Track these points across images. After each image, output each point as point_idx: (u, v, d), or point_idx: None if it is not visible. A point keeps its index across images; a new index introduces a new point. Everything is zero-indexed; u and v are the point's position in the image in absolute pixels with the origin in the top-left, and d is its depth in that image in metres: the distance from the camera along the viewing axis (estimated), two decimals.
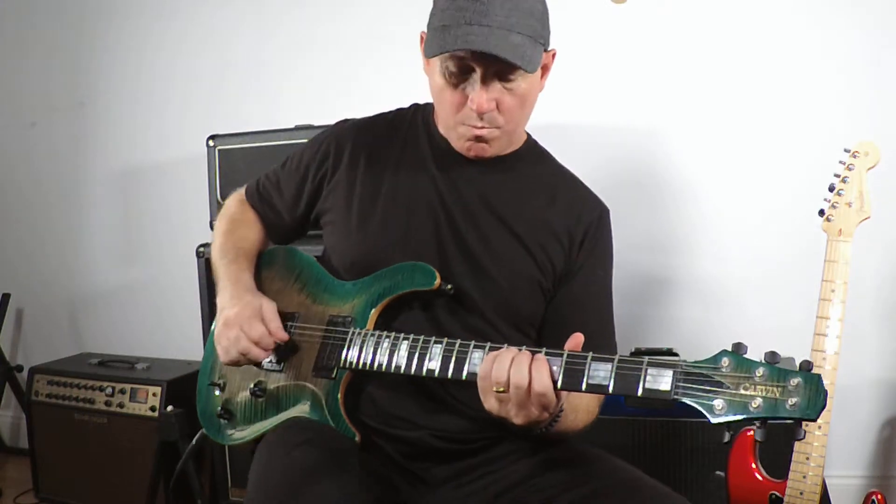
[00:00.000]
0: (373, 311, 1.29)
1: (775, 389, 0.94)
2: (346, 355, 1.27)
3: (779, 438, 1.82)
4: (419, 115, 1.44)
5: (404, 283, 1.29)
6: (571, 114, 2.41)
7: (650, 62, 2.34)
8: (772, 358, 0.96)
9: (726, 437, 0.99)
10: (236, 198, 1.58)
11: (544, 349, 1.10)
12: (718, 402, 0.96)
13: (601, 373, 1.06)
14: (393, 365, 1.23)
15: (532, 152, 1.43)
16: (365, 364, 1.25)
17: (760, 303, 2.29)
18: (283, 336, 1.31)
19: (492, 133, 1.29)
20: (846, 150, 1.61)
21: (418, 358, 1.21)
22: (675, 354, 2.13)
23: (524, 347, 1.12)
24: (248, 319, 1.29)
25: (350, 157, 1.40)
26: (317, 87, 2.63)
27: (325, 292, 1.37)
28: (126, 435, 2.33)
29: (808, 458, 1.61)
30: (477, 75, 1.22)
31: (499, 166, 1.37)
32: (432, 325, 1.30)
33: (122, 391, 2.35)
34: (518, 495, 1.24)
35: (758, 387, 0.94)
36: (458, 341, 1.19)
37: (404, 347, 1.22)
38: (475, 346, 1.17)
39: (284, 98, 2.65)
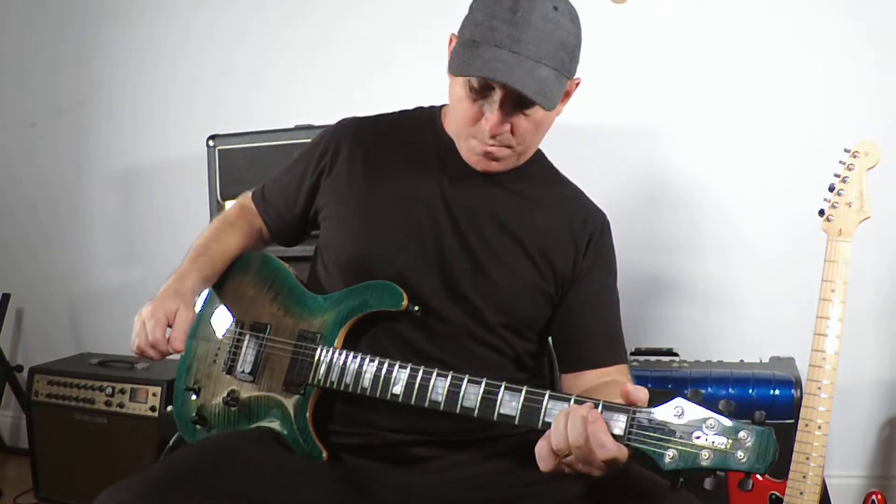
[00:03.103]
0: (341, 329, 1.29)
1: (726, 442, 0.96)
2: (315, 373, 1.27)
3: (779, 439, 1.83)
4: (425, 116, 1.42)
5: (372, 302, 1.28)
6: (570, 114, 2.40)
7: (650, 62, 2.34)
8: (726, 407, 1.00)
9: (679, 484, 0.99)
10: (239, 201, 1.57)
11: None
12: (670, 452, 0.97)
13: (555, 411, 1.07)
14: (359, 387, 1.23)
15: (539, 167, 1.42)
16: (332, 383, 1.25)
17: (760, 303, 2.29)
18: (178, 347, 1.28)
19: (502, 151, 1.28)
20: (846, 150, 1.61)
21: (383, 382, 1.21)
22: (675, 354, 2.13)
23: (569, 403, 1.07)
24: (155, 320, 1.27)
25: (349, 154, 1.38)
26: (317, 87, 2.63)
27: (297, 305, 1.36)
28: (126, 435, 2.33)
29: (808, 458, 1.60)
30: (496, 96, 1.20)
31: (505, 178, 1.35)
32: (423, 334, 1.29)
33: (122, 391, 2.35)
34: (511, 481, 1.23)
35: (708, 438, 0.96)
36: (422, 368, 1.19)
37: (370, 371, 1.22)
38: (438, 375, 1.17)
39: (284, 98, 2.65)
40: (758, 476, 1.71)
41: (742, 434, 0.95)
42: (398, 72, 2.49)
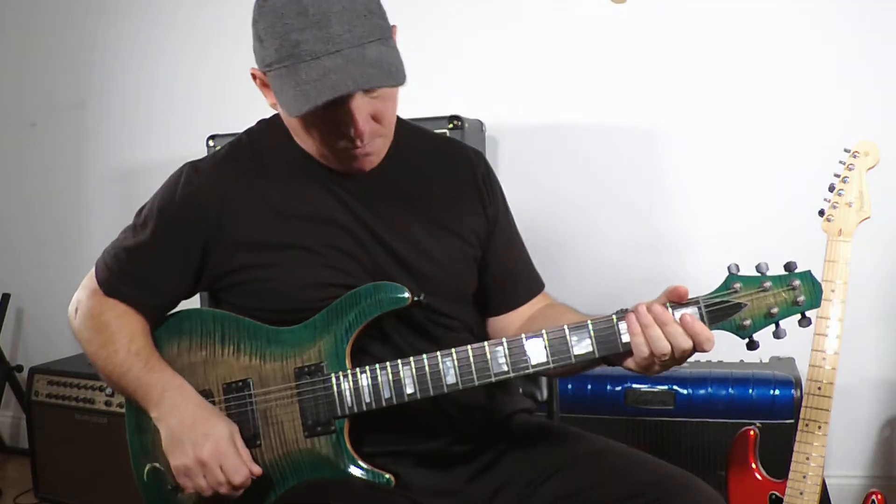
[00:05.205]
0: (346, 347, 1.19)
1: (784, 294, 1.10)
2: (343, 402, 1.17)
3: (779, 439, 1.83)
4: (277, 134, 1.28)
5: (371, 307, 1.19)
6: (571, 114, 2.41)
7: (650, 62, 2.34)
8: (766, 268, 1.11)
9: (756, 346, 1.11)
10: (88, 299, 1.35)
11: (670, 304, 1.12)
12: (746, 321, 1.09)
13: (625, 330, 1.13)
14: (405, 395, 1.15)
15: (402, 133, 1.31)
16: (370, 405, 1.17)
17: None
18: (258, 471, 1.17)
19: (374, 144, 1.20)
20: (846, 150, 1.61)
21: (432, 379, 1.14)
22: None
23: (647, 307, 1.11)
24: (229, 458, 1.15)
25: (234, 210, 1.24)
26: None
27: (272, 345, 1.22)
28: (126, 435, 2.33)
29: (808, 458, 1.61)
30: (344, 101, 1.10)
31: (387, 164, 1.27)
32: (395, 339, 1.25)
33: None
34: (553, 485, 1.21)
35: (769, 296, 1.09)
36: (470, 348, 1.14)
37: (409, 373, 1.15)
38: (492, 345, 1.15)
39: None
40: (758, 476, 1.72)
41: (795, 282, 1.09)
42: None
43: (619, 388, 2.02)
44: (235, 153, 1.31)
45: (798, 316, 1.11)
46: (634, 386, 2.02)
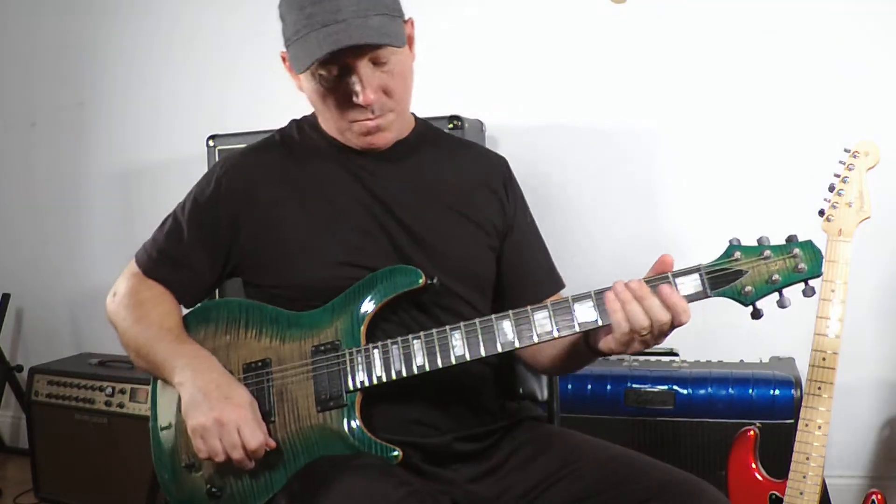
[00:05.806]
0: (361, 327, 1.23)
1: (785, 262, 1.12)
2: (354, 376, 1.20)
3: (779, 439, 1.83)
4: (306, 128, 1.40)
5: (387, 289, 1.24)
6: (571, 114, 2.41)
7: (650, 62, 2.34)
8: (767, 241, 1.14)
9: (760, 315, 1.14)
10: (127, 281, 1.40)
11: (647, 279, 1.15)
12: (746, 288, 1.13)
13: None
14: (414, 367, 1.18)
15: (426, 131, 1.43)
16: (380, 378, 1.19)
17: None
18: (272, 443, 1.20)
19: (386, 119, 1.28)
20: (846, 150, 1.61)
21: (441, 349, 1.17)
22: (676, 354, 2.13)
23: (625, 283, 1.13)
24: (248, 422, 1.17)
25: (262, 190, 1.33)
26: None
27: (292, 328, 1.27)
28: (126, 435, 2.33)
29: (808, 458, 1.61)
30: (351, 70, 1.21)
31: (404, 151, 1.36)
32: (407, 322, 1.28)
33: (122, 391, 2.34)
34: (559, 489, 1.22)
35: (770, 264, 1.13)
36: (478, 320, 1.18)
37: (419, 346, 1.18)
38: (498, 317, 1.18)
39: (284, 98, 2.64)
40: (758, 476, 1.72)
41: (795, 250, 1.12)
42: None
43: (619, 388, 2.03)
44: (266, 143, 1.42)
45: (802, 285, 1.12)
46: (634, 386, 2.02)
